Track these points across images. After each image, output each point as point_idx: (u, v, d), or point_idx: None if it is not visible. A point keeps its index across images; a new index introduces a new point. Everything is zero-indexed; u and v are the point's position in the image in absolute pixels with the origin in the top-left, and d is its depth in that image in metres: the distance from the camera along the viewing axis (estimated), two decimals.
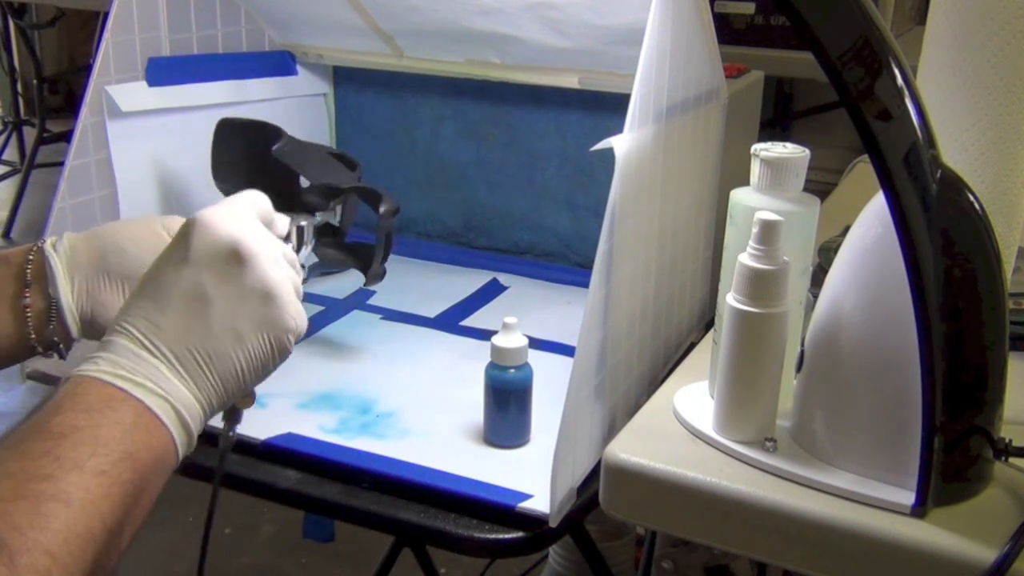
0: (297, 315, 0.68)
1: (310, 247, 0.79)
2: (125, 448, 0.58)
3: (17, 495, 0.53)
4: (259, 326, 0.66)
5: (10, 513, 0.52)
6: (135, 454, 0.58)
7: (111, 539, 0.56)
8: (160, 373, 0.62)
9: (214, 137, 1.06)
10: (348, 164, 1.04)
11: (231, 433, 0.73)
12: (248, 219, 0.68)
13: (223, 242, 0.65)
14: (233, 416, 0.72)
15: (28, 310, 0.74)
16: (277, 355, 0.67)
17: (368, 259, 1.02)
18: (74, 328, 0.75)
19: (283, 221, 0.73)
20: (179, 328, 0.63)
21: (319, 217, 1.00)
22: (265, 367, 0.67)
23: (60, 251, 0.76)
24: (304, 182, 1.04)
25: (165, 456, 0.61)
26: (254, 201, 0.70)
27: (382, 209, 1.00)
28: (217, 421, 0.87)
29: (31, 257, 0.75)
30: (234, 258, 0.65)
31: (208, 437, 0.85)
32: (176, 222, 0.77)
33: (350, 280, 1.18)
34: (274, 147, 0.98)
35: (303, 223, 0.77)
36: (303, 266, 0.74)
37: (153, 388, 0.61)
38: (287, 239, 0.73)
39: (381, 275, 1.02)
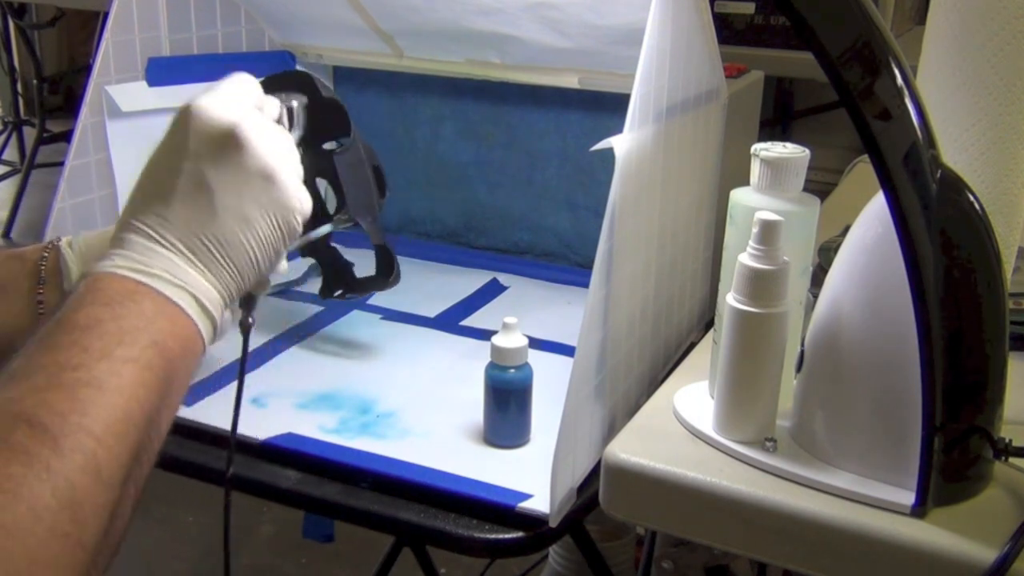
0: (301, 194, 0.68)
1: (300, 130, 0.79)
2: (150, 336, 0.58)
3: (52, 384, 0.53)
4: (265, 208, 0.66)
5: (48, 401, 0.52)
6: (160, 342, 0.58)
7: (150, 423, 0.56)
8: (175, 264, 0.62)
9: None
10: (380, 186, 1.03)
11: (250, 319, 0.73)
12: (242, 103, 0.68)
13: (220, 128, 0.65)
14: (249, 303, 0.72)
15: (42, 306, 0.75)
16: (286, 236, 0.68)
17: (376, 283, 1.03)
18: None
19: (273, 104, 0.73)
20: (187, 218, 0.63)
21: (327, 228, 1.01)
22: (276, 249, 0.67)
23: (75, 249, 0.77)
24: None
25: (190, 344, 0.61)
26: (245, 85, 0.70)
27: (390, 281, 1.01)
28: (224, 421, 0.87)
29: (46, 254, 0.76)
30: (232, 143, 0.65)
31: (214, 438, 0.86)
32: None
33: None
34: (337, 152, 0.98)
35: (293, 103, 0.77)
36: (297, 146, 0.74)
37: (170, 279, 0.61)
38: (278, 122, 0.73)
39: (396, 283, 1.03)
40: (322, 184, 1.07)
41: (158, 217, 0.63)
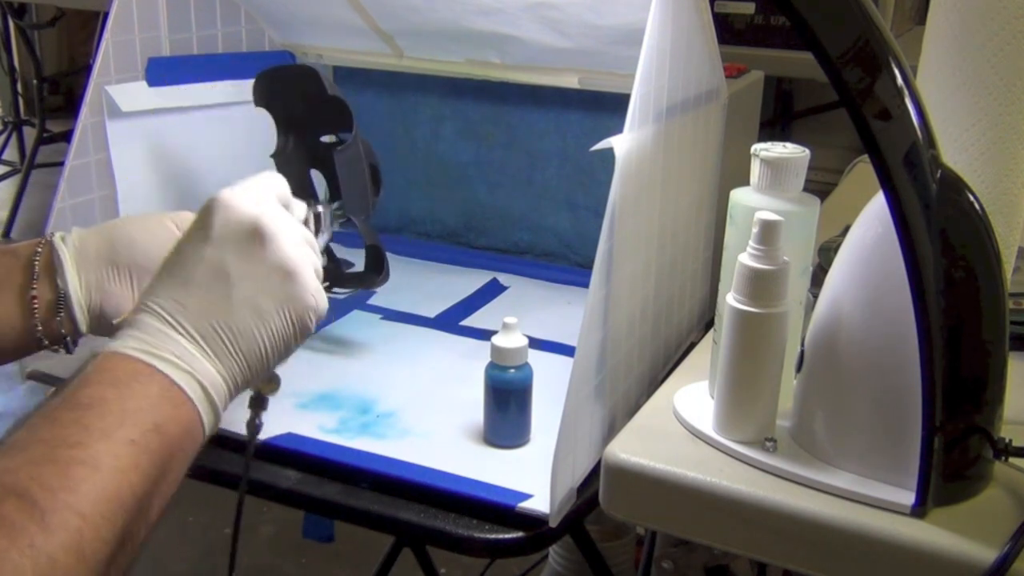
0: (317, 294, 0.69)
1: (329, 233, 0.80)
2: (153, 420, 0.58)
3: (47, 459, 0.53)
4: (280, 304, 0.67)
5: (41, 476, 0.52)
6: (162, 426, 0.59)
7: (140, 507, 0.57)
8: (185, 350, 0.62)
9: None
10: (375, 184, 1.03)
11: (257, 421, 0.74)
12: (268, 199, 0.69)
13: (244, 221, 0.66)
14: (259, 403, 0.73)
15: (35, 301, 0.75)
16: (299, 333, 0.69)
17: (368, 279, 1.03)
18: (82, 320, 0.76)
19: (300, 206, 0.74)
20: (203, 306, 0.64)
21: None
22: (287, 345, 0.68)
23: (69, 243, 0.77)
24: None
25: (192, 430, 0.62)
26: (273, 183, 0.71)
27: (378, 280, 1.02)
28: (224, 420, 0.87)
29: (39, 249, 0.76)
30: (255, 236, 0.66)
31: (224, 441, 0.86)
32: (185, 218, 0.78)
33: None
34: (338, 149, 0.98)
35: (320, 209, 0.78)
36: (323, 252, 0.75)
37: (179, 364, 0.61)
38: (304, 223, 0.74)
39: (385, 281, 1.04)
40: (316, 177, 1.07)
41: (174, 301, 0.64)
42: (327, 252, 1.07)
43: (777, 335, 0.69)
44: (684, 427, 0.76)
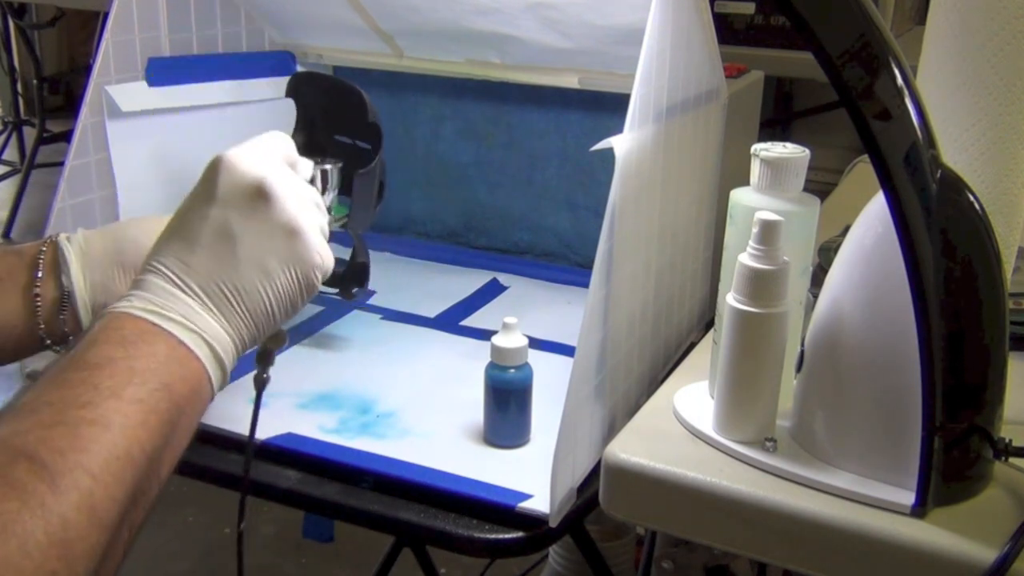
0: (323, 252, 0.69)
1: (335, 192, 0.80)
2: (160, 379, 0.58)
3: (56, 421, 0.54)
4: (286, 262, 0.67)
5: (50, 438, 0.53)
6: (171, 385, 0.59)
7: (151, 466, 0.57)
8: (192, 310, 0.62)
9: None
10: (380, 195, 1.03)
11: (265, 375, 0.74)
12: (273, 158, 0.69)
13: (248, 180, 0.66)
14: (266, 359, 0.73)
15: (39, 299, 0.75)
16: (305, 291, 0.68)
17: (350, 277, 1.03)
18: (86, 319, 0.76)
19: (307, 164, 0.74)
20: (208, 266, 0.64)
21: None
22: (293, 303, 0.68)
23: (75, 243, 0.78)
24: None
25: (200, 389, 0.62)
26: (279, 142, 0.71)
27: (355, 293, 1.02)
28: (225, 421, 0.87)
29: (44, 248, 0.76)
30: (259, 195, 0.66)
31: (225, 441, 0.86)
32: None
33: None
34: (360, 172, 0.98)
35: (327, 167, 0.78)
36: (328, 210, 0.74)
37: (186, 323, 0.62)
38: (311, 182, 0.74)
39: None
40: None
41: (180, 262, 0.64)
42: None
43: (777, 335, 0.69)
44: (684, 427, 0.76)
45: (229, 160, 0.67)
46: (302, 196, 0.69)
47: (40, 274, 0.75)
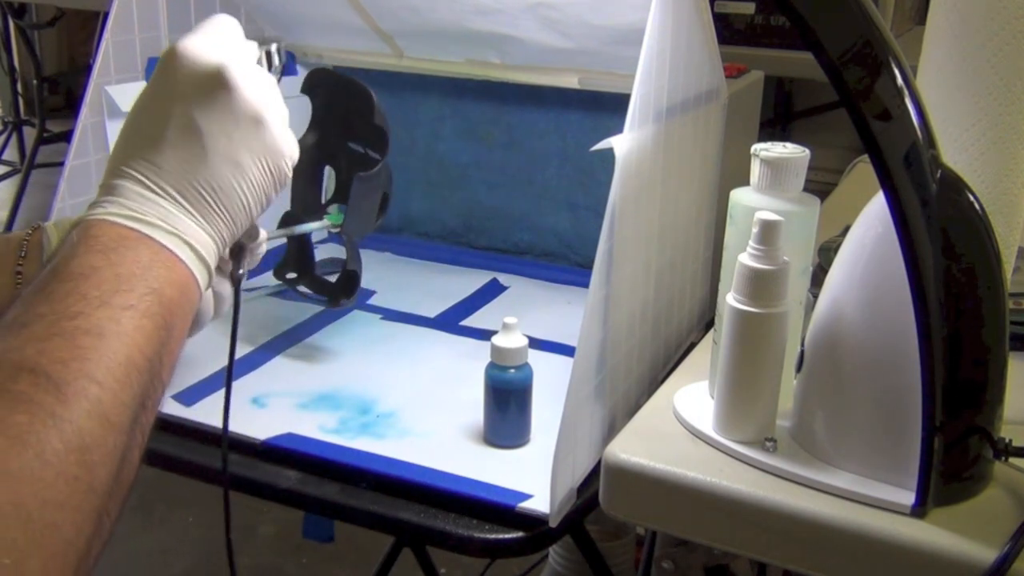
0: (289, 139, 0.68)
1: (279, 74, 0.79)
2: (148, 284, 0.58)
3: (51, 333, 0.53)
4: (256, 153, 0.65)
5: (48, 350, 0.52)
6: (159, 289, 0.58)
7: (152, 369, 0.56)
8: (169, 212, 0.61)
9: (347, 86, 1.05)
10: (383, 208, 1.03)
11: (240, 271, 0.73)
12: (228, 44, 0.67)
13: (207, 70, 0.64)
14: (240, 254, 0.72)
15: (20, 277, 0.75)
16: (277, 181, 0.67)
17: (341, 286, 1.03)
18: None
19: (251, 47, 0.72)
20: (179, 164, 0.63)
21: (316, 226, 1.01)
22: (267, 195, 0.67)
23: (59, 227, 0.78)
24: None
25: (187, 291, 0.61)
26: (228, 25, 0.69)
27: (343, 302, 1.02)
28: (209, 416, 0.87)
29: (30, 232, 0.77)
30: (220, 85, 0.64)
31: (214, 438, 0.86)
32: None
33: None
34: (361, 175, 0.98)
35: (272, 47, 0.77)
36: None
37: (165, 227, 0.61)
38: (258, 64, 0.72)
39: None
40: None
41: (148, 163, 0.62)
42: (304, 245, 1.07)
43: (777, 335, 0.69)
44: (684, 427, 0.76)
45: (183, 50, 0.64)
46: (263, 83, 0.67)
47: (24, 254, 0.75)
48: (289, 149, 0.68)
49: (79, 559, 0.49)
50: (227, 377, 0.73)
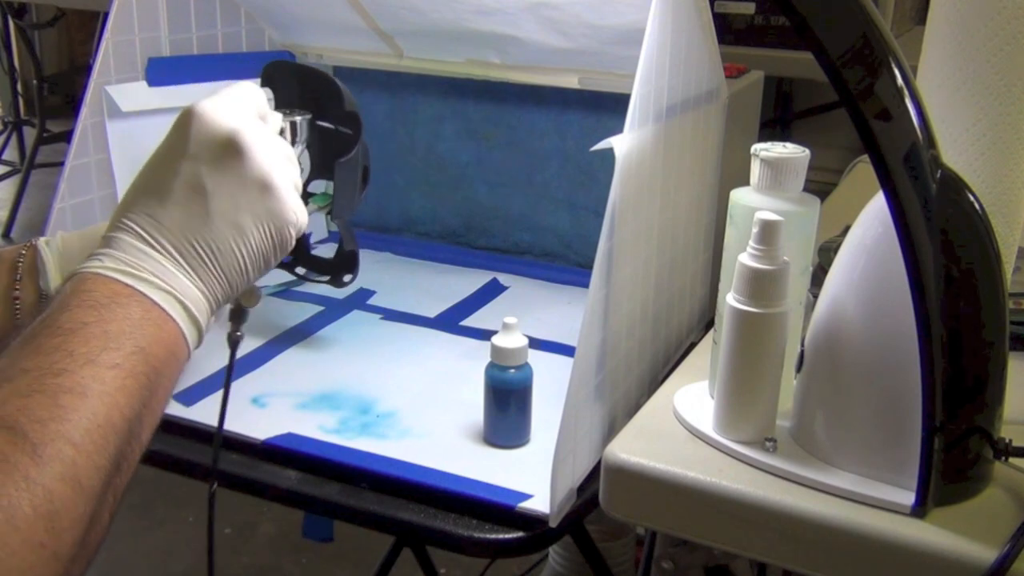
0: (297, 208, 0.68)
1: (303, 145, 0.79)
2: (136, 342, 0.57)
3: (34, 389, 0.53)
4: (259, 218, 0.65)
5: (29, 407, 0.52)
6: (146, 348, 0.58)
7: (131, 430, 0.56)
8: (165, 269, 0.61)
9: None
10: (364, 181, 1.03)
11: (238, 333, 0.73)
12: (245, 111, 0.67)
13: (221, 133, 0.65)
14: (239, 316, 0.73)
15: (18, 302, 0.74)
16: (278, 248, 0.67)
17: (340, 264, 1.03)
18: None
19: (276, 117, 0.73)
20: (181, 223, 0.63)
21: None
22: (267, 260, 0.67)
23: (53, 247, 0.77)
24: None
25: (176, 350, 0.61)
26: (250, 93, 0.69)
27: (345, 280, 1.02)
28: (209, 416, 0.87)
29: (24, 252, 0.76)
30: (232, 149, 0.64)
31: (205, 436, 0.86)
32: None
33: None
34: (341, 160, 0.97)
35: (296, 119, 0.77)
36: (300, 166, 0.74)
37: (159, 284, 0.60)
38: (280, 134, 0.72)
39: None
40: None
41: (150, 218, 0.62)
42: (302, 242, 1.07)
43: (777, 335, 0.69)
44: (684, 427, 0.76)
45: (200, 112, 0.65)
46: (275, 150, 0.67)
47: (19, 276, 0.75)
48: (295, 218, 0.68)
49: None
50: (219, 419, 0.75)
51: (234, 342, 0.74)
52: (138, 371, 0.57)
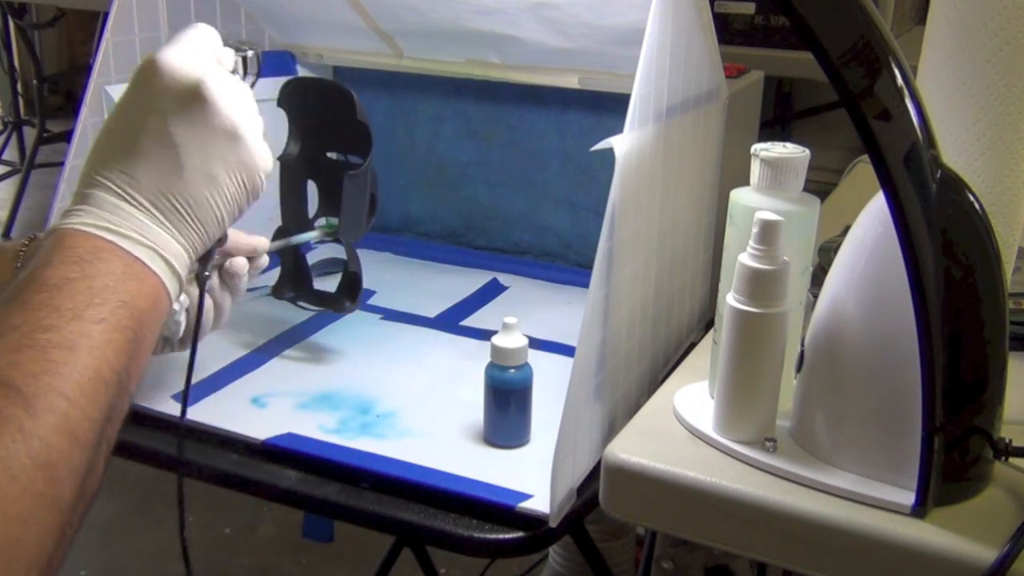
0: (264, 153, 0.69)
1: (255, 77, 0.79)
2: (120, 297, 0.58)
3: (23, 345, 0.53)
4: (231, 167, 0.66)
5: (20, 362, 0.52)
6: (130, 302, 0.59)
7: (120, 382, 0.57)
8: (143, 223, 0.62)
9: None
10: (371, 211, 1.03)
11: (206, 273, 0.74)
12: (206, 58, 0.67)
13: (185, 84, 0.65)
14: (206, 257, 0.73)
15: None
16: (250, 194, 0.68)
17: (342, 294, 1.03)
18: None
19: (228, 54, 0.73)
20: (154, 176, 0.63)
21: (311, 236, 1.01)
22: (240, 207, 0.68)
23: None
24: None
25: (158, 303, 0.62)
26: (207, 37, 0.69)
27: (347, 307, 1.02)
28: (224, 421, 0.87)
29: (26, 243, 0.77)
30: (198, 100, 0.65)
31: (213, 438, 0.86)
32: None
33: None
34: (350, 174, 0.97)
35: (248, 53, 0.77)
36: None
37: (140, 240, 0.61)
38: (232, 72, 0.72)
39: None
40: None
41: (124, 174, 0.63)
42: (299, 263, 1.08)
43: (777, 335, 0.69)
44: (684, 427, 0.76)
45: (163, 64, 0.65)
46: (239, 97, 0.68)
47: (20, 265, 0.75)
48: (263, 162, 0.69)
49: (40, 574, 0.50)
50: (187, 377, 0.76)
51: (202, 282, 0.75)
52: (124, 325, 0.58)
